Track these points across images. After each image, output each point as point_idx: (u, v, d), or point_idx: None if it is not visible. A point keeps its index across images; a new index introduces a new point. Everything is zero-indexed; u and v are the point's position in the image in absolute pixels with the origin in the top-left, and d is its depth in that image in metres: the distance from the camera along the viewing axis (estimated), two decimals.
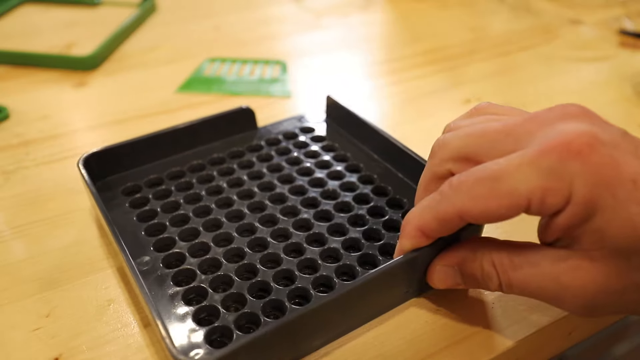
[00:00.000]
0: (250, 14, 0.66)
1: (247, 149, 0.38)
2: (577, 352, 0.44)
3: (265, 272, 0.28)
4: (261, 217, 0.32)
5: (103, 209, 0.29)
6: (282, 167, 0.36)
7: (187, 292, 0.27)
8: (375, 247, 0.29)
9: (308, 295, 0.27)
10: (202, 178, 0.35)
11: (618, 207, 0.20)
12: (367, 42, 0.59)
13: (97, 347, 0.26)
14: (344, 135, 0.39)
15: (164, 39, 0.60)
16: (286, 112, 0.46)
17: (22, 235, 0.33)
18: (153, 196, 0.33)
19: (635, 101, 0.47)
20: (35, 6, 0.68)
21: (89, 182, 0.31)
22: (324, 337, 0.25)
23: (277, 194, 0.33)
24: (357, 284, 0.24)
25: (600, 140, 0.20)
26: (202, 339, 0.24)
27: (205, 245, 0.30)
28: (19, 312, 0.28)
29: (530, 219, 0.23)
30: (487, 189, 0.21)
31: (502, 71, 0.52)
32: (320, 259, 0.29)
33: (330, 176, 0.35)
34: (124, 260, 0.26)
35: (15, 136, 0.43)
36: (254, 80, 0.51)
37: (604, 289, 0.21)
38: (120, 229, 0.31)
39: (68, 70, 0.52)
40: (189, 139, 0.37)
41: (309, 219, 0.31)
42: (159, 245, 0.30)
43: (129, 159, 0.35)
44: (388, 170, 0.35)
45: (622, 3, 0.66)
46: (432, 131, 0.43)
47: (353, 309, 0.26)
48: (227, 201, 0.33)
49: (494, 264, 0.23)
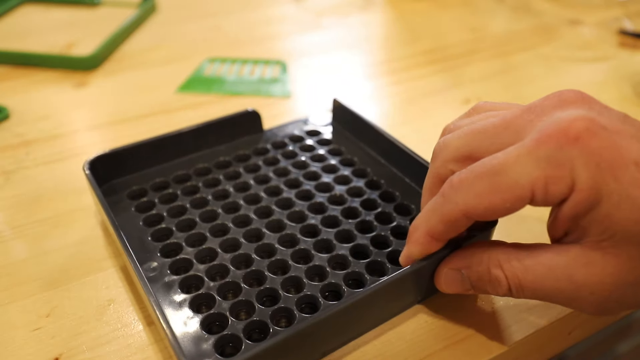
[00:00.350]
0: (250, 14, 0.66)
1: (253, 152, 0.38)
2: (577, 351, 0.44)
3: (273, 280, 0.27)
4: (268, 222, 0.31)
5: (110, 214, 0.29)
6: (288, 171, 0.36)
7: (195, 299, 0.27)
8: (383, 255, 0.29)
9: (317, 303, 0.26)
10: (208, 182, 0.35)
11: (623, 191, 0.19)
12: (367, 42, 0.59)
13: (97, 347, 0.26)
14: (350, 139, 0.39)
15: (164, 39, 0.60)
16: (286, 112, 0.46)
17: (22, 235, 0.33)
18: (159, 200, 0.33)
19: (634, 101, 0.47)
20: (35, 6, 0.68)
21: (95, 186, 0.31)
22: (332, 345, 0.25)
23: (284, 198, 0.33)
24: (366, 293, 0.24)
25: (598, 124, 0.20)
26: (212, 347, 0.24)
27: (213, 251, 0.29)
28: (19, 312, 0.28)
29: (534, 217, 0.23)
30: (489, 185, 0.21)
31: (502, 71, 0.52)
32: (329, 266, 0.28)
33: (337, 181, 0.35)
34: (132, 267, 0.26)
35: (16, 136, 0.43)
36: (254, 80, 0.51)
37: (619, 282, 0.20)
38: (127, 234, 0.30)
39: (68, 70, 0.52)
40: (194, 142, 0.37)
41: (316, 225, 0.31)
42: (166, 251, 0.30)
43: (134, 162, 0.35)
44: (395, 175, 0.35)
45: (621, 3, 0.66)
46: (432, 131, 0.43)
47: (362, 317, 0.25)
48: (234, 206, 0.33)
49: (501, 266, 0.23)
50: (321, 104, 0.47)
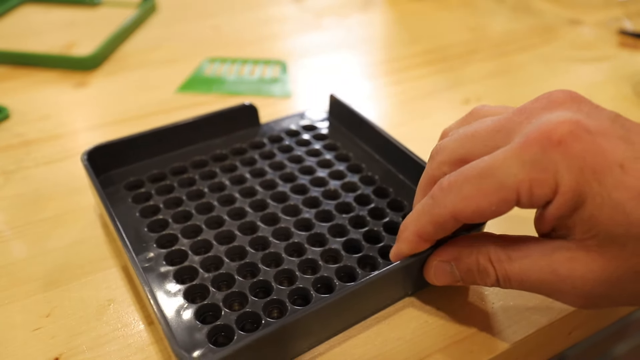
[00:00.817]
0: (250, 14, 0.66)
1: (250, 145, 0.38)
2: (577, 351, 0.44)
3: (266, 272, 0.28)
4: (263, 215, 0.32)
5: (107, 204, 0.29)
6: (284, 165, 0.36)
7: (190, 289, 0.27)
8: (375, 249, 0.29)
9: (308, 295, 0.27)
10: (204, 174, 0.35)
11: (606, 194, 0.20)
12: (366, 42, 0.59)
13: (97, 347, 0.26)
14: (346, 134, 0.39)
15: (164, 39, 0.60)
16: (286, 112, 0.46)
17: (22, 235, 0.33)
18: (156, 191, 0.34)
19: (634, 101, 0.47)
20: (35, 6, 0.68)
21: (93, 176, 0.31)
22: (321, 336, 0.26)
23: (278, 192, 0.34)
24: (357, 287, 0.24)
25: (583, 127, 0.20)
26: (205, 337, 0.24)
27: (208, 243, 0.30)
28: (19, 312, 0.28)
29: (528, 216, 0.23)
30: (476, 187, 0.21)
31: (501, 71, 0.52)
32: (321, 259, 0.29)
33: (332, 176, 0.35)
34: (127, 256, 0.26)
35: (16, 136, 0.43)
36: (254, 80, 0.51)
37: (602, 279, 0.21)
38: (123, 224, 0.31)
39: (68, 70, 0.52)
40: (191, 134, 0.37)
41: (310, 219, 0.31)
42: (161, 242, 0.30)
43: (131, 153, 0.35)
44: (389, 171, 0.35)
45: (621, 3, 0.66)
46: (432, 131, 0.43)
47: (353, 310, 0.26)
48: (229, 198, 0.33)
49: (490, 258, 0.23)
50: (321, 104, 0.47)
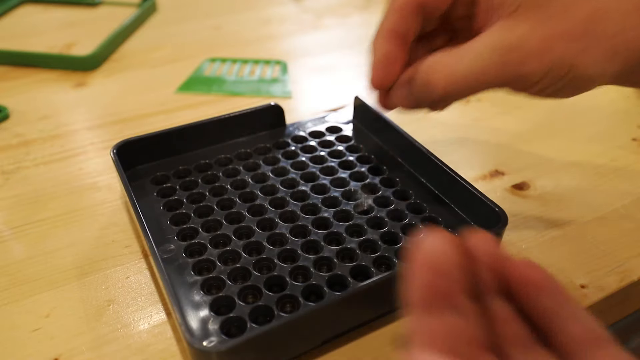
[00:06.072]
0: (251, 14, 0.66)
1: (274, 145, 0.38)
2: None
3: (282, 268, 0.28)
4: (282, 213, 0.32)
5: (131, 195, 0.30)
6: (306, 165, 0.36)
7: (206, 281, 0.27)
8: (392, 250, 0.29)
9: (322, 292, 0.27)
10: (228, 172, 0.36)
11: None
12: (367, 42, 0.59)
13: (96, 348, 0.26)
14: (369, 137, 0.39)
15: (164, 39, 0.60)
16: (287, 112, 0.46)
17: (21, 235, 0.33)
18: (180, 187, 0.34)
19: (635, 101, 0.47)
20: (35, 6, 0.68)
21: (120, 169, 0.32)
22: (333, 333, 0.26)
23: (299, 191, 0.34)
24: (369, 286, 0.25)
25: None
26: (218, 328, 0.25)
27: (227, 237, 0.30)
28: (19, 312, 0.28)
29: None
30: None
31: None
32: (337, 258, 0.29)
33: (353, 177, 0.35)
34: (147, 245, 0.27)
35: (15, 136, 0.43)
36: (254, 80, 0.51)
37: (537, 35, 0.22)
38: (146, 216, 0.31)
39: (68, 70, 0.52)
40: (218, 133, 0.38)
41: (328, 218, 0.32)
42: (182, 235, 0.31)
43: (159, 149, 0.36)
44: (410, 174, 0.36)
45: None
46: (432, 131, 0.43)
47: (365, 308, 0.26)
48: (250, 196, 0.34)
49: (435, 68, 0.24)
50: (321, 104, 0.47)
